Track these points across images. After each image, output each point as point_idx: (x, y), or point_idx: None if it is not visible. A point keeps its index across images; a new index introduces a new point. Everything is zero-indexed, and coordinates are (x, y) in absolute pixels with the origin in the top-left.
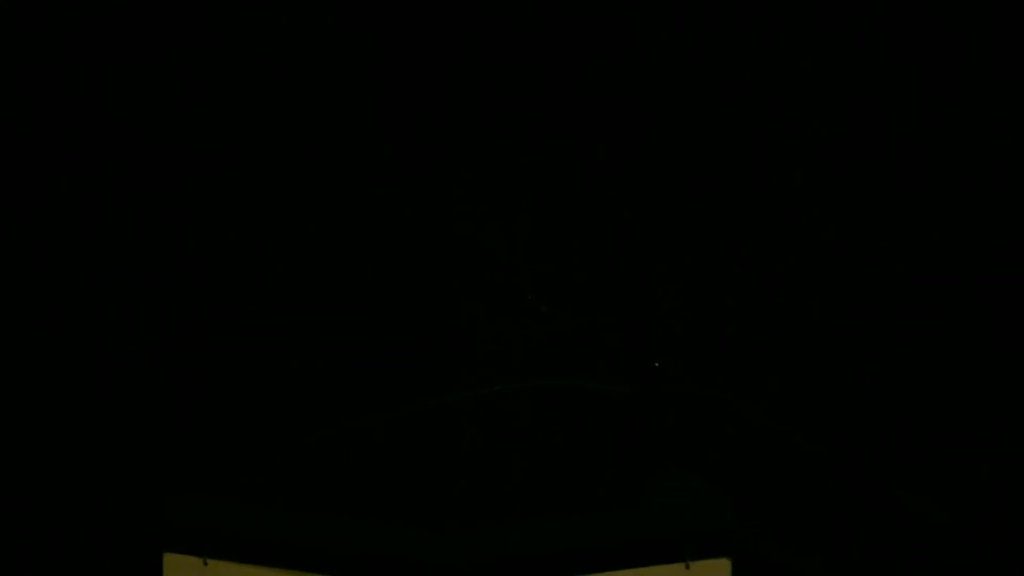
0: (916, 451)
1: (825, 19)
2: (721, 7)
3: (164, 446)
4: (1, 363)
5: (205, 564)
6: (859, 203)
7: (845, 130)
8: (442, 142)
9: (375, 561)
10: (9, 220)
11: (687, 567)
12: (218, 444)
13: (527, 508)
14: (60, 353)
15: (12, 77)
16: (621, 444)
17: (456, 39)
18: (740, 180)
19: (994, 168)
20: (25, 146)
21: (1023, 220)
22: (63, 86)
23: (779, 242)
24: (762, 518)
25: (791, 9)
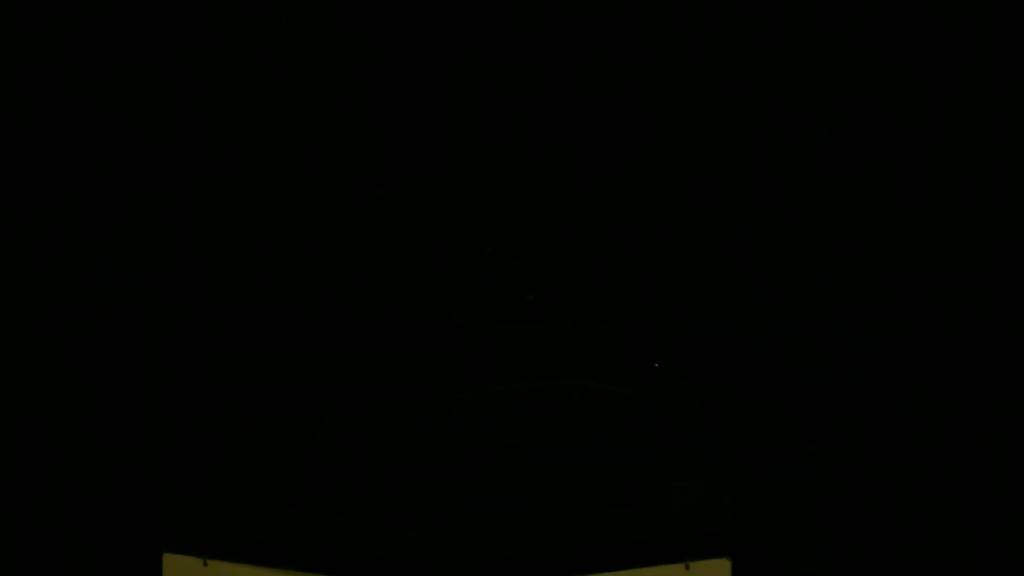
0: (916, 451)
1: (825, 19)
2: (721, 7)
3: (164, 446)
4: (1, 363)
5: (205, 565)
6: (859, 203)
7: (845, 130)
8: (442, 142)
9: (375, 561)
10: (9, 220)
11: (687, 567)
12: (218, 444)
13: (527, 508)
14: (60, 353)
15: (12, 77)
16: (621, 444)
17: (456, 39)
18: (740, 180)
19: (994, 168)
20: (25, 146)
21: (1023, 220)
22: (63, 86)
23: (779, 242)
24: (762, 518)
25: (791, 9)
